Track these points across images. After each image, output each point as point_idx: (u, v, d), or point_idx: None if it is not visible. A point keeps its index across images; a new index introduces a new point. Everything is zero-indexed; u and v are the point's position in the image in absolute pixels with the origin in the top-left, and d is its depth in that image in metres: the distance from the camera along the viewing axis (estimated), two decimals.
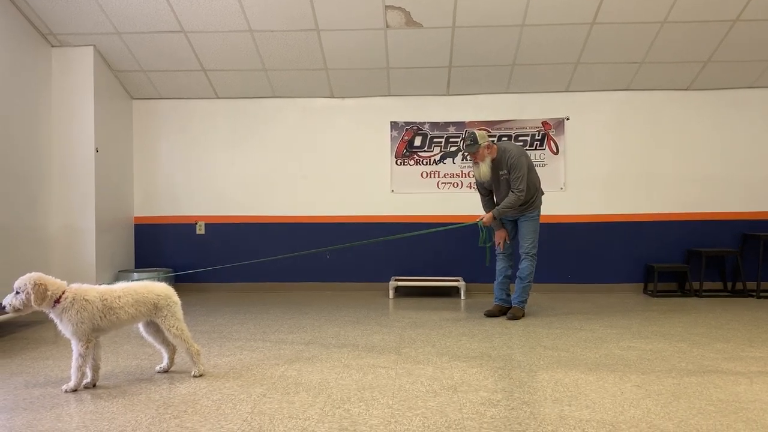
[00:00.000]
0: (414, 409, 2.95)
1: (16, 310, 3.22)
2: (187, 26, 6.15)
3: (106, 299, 3.32)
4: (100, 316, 3.28)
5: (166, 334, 3.48)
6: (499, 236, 5.60)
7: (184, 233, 7.35)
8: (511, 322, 5.27)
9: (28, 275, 3.23)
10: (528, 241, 5.44)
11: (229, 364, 3.85)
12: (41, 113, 6.25)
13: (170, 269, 7.10)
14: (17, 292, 3.21)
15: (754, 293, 6.73)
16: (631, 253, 7.10)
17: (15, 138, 5.84)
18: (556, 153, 7.09)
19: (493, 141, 5.44)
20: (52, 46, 6.42)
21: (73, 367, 3.28)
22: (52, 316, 3.29)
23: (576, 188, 7.11)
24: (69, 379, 3.42)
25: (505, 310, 5.55)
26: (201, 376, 3.55)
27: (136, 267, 7.33)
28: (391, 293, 6.73)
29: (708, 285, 7.00)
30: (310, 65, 6.68)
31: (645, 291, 7.04)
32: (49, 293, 3.20)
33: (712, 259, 7.04)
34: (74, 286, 3.32)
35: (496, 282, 5.63)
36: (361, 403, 3.05)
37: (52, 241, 6.39)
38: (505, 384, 3.38)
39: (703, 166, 7.05)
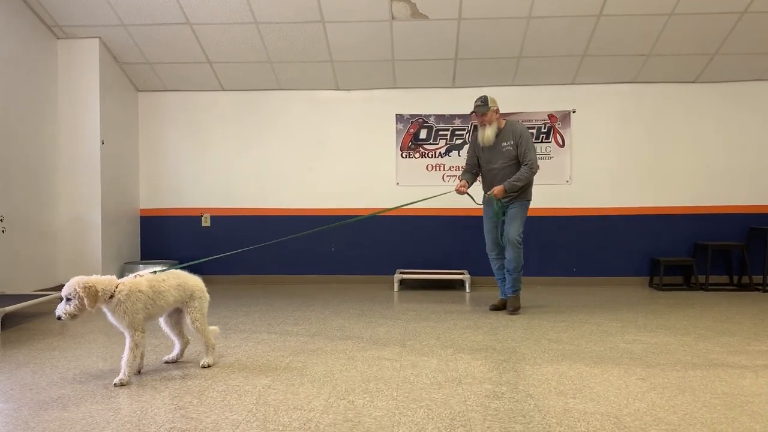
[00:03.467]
0: (418, 401, 2.96)
1: (72, 316, 3.17)
2: (193, 18, 6.14)
3: (153, 285, 3.39)
4: (151, 304, 3.35)
5: (189, 323, 3.55)
6: (462, 186, 5.40)
7: (189, 225, 7.37)
8: (514, 315, 5.25)
9: (73, 280, 3.19)
10: (515, 227, 5.26)
11: (235, 355, 3.86)
12: (47, 106, 6.26)
13: (176, 261, 7.12)
14: (68, 299, 3.16)
15: (761, 287, 6.70)
16: (637, 246, 7.08)
17: (21, 130, 5.86)
18: (562, 146, 7.07)
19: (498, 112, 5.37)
20: (58, 38, 6.43)
21: (124, 359, 3.29)
22: (105, 310, 3.31)
23: (582, 181, 7.08)
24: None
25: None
26: (209, 367, 3.57)
27: (141, 259, 7.36)
28: (395, 286, 6.73)
29: (714, 278, 6.97)
30: (315, 57, 6.66)
31: (651, 284, 7.02)
32: (99, 293, 3.20)
33: (719, 253, 7.01)
34: (126, 280, 3.35)
35: (497, 278, 5.62)
36: (365, 395, 3.06)
37: (58, 233, 6.42)
38: (510, 376, 3.38)
39: (710, 159, 7.01)
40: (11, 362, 3.74)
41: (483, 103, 5.21)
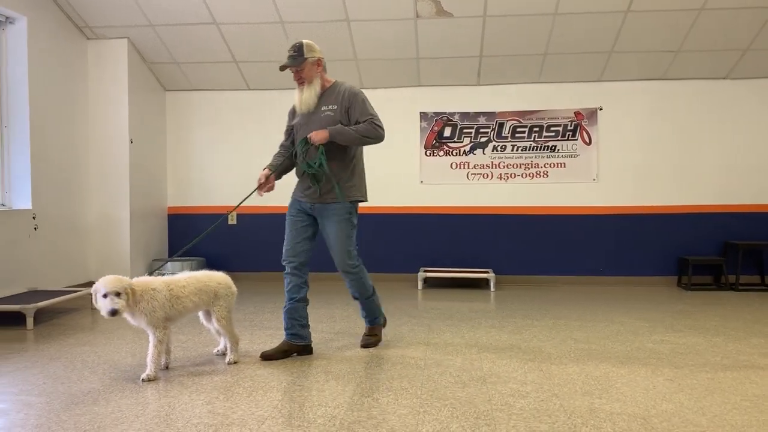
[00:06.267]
0: (443, 400, 2.96)
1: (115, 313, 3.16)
2: (219, 18, 6.20)
3: (172, 289, 3.39)
4: (168, 306, 3.34)
5: (214, 320, 3.58)
6: (264, 177, 3.85)
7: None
8: (370, 349, 3.95)
9: (116, 277, 3.20)
10: (342, 252, 3.78)
11: (260, 352, 3.89)
12: (77, 105, 6.38)
13: (202, 258, 7.20)
14: (118, 294, 3.16)
15: None
16: (665, 245, 6.98)
17: (53, 129, 5.98)
18: (589, 143, 6.99)
19: (325, 67, 3.86)
20: (88, 39, 6.54)
21: (149, 355, 3.33)
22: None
23: (609, 179, 7.00)
24: (144, 367, 3.50)
25: (296, 349, 3.82)
26: (235, 363, 3.61)
27: (169, 256, 7.46)
28: (419, 284, 6.72)
29: (745, 278, 6.83)
30: (340, 56, 6.68)
31: (679, 284, 6.91)
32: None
33: (749, 252, 6.87)
34: (136, 279, 3.35)
35: (284, 308, 3.82)
36: (389, 393, 3.07)
37: (88, 230, 6.54)
38: (535, 376, 3.36)
39: (741, 156, 6.88)
40: (44, 356, 3.82)
41: (297, 53, 3.70)
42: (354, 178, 3.83)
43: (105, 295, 3.14)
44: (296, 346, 3.82)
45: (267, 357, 3.72)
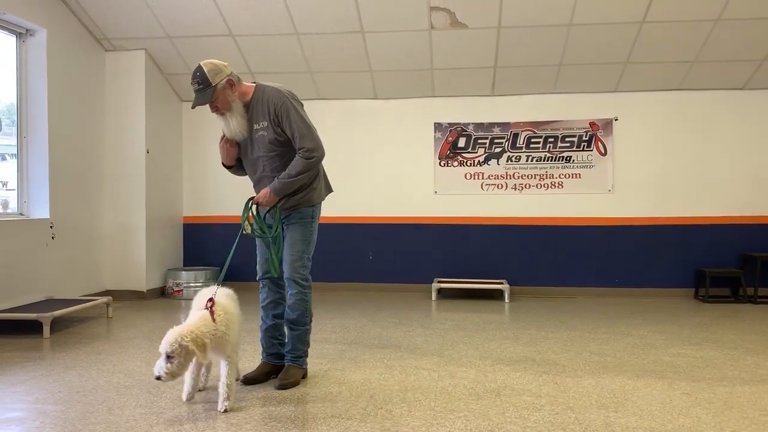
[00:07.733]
0: (456, 412, 2.94)
1: (174, 376, 2.77)
2: (236, 30, 6.27)
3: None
4: None
5: None
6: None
7: (231, 233, 7.48)
8: (285, 390, 3.32)
9: (174, 335, 2.78)
10: (295, 255, 3.46)
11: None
12: (95, 116, 6.47)
13: (217, 268, 7.24)
14: (169, 357, 2.74)
15: None
16: (682, 257, 6.90)
17: (71, 139, 6.06)
18: (604, 154, 6.96)
19: (238, 77, 3.39)
20: (106, 51, 6.63)
21: (225, 384, 3.01)
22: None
23: (624, 190, 6.95)
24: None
25: (277, 370, 3.51)
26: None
27: (184, 265, 7.50)
28: (433, 295, 6.71)
29: (763, 291, 6.73)
30: (354, 67, 6.72)
31: (696, 296, 6.83)
32: (207, 343, 2.86)
33: None
34: (206, 312, 2.99)
35: (261, 327, 3.66)
36: (403, 404, 3.06)
37: (104, 239, 6.60)
38: (550, 389, 3.34)
39: (759, 167, 6.80)
40: (59, 365, 3.86)
41: (202, 84, 3.25)
42: (314, 181, 3.53)
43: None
44: (274, 366, 3.56)
45: (248, 380, 3.44)
